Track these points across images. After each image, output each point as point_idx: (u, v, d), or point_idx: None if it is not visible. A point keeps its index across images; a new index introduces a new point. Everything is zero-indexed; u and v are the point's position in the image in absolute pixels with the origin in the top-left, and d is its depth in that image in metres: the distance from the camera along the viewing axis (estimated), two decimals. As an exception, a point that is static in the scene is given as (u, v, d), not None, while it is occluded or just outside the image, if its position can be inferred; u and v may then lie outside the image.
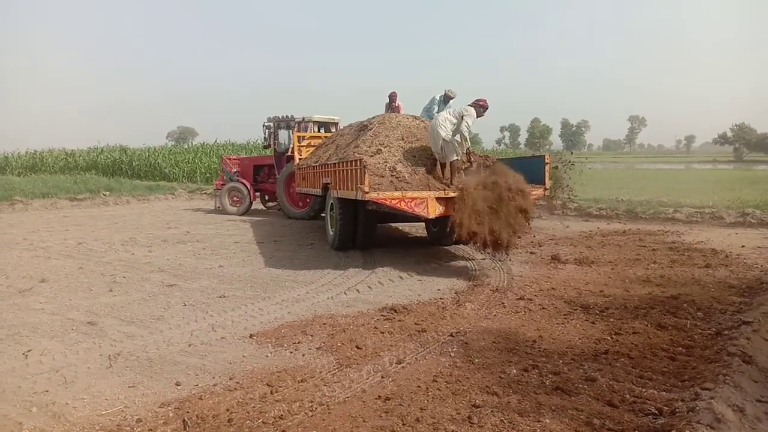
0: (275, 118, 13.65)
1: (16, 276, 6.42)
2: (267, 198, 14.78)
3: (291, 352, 3.89)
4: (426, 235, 9.31)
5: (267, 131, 13.83)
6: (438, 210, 6.52)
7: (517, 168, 6.77)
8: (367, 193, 6.27)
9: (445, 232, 7.17)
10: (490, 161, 7.90)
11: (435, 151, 7.15)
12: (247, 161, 14.60)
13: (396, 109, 10.70)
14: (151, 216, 13.36)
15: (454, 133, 6.98)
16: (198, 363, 3.70)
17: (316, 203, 11.69)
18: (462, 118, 6.94)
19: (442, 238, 8.28)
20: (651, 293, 5.35)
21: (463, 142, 7.13)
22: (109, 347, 4.00)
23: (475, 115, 6.99)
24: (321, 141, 11.37)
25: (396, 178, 6.87)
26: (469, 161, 7.47)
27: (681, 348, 3.82)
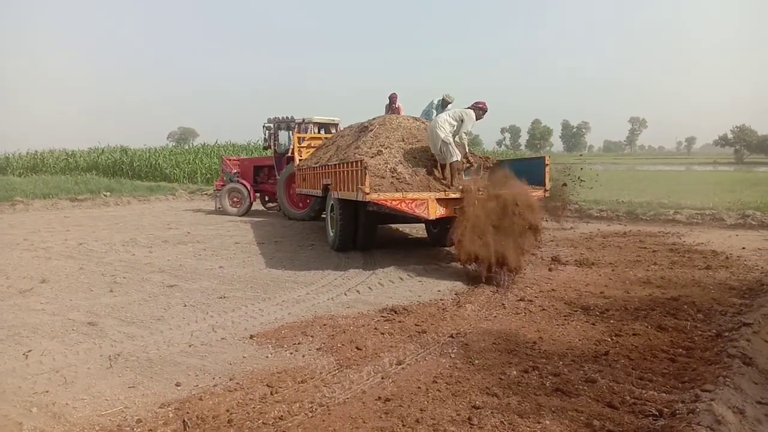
0: (275, 119, 13.67)
1: (17, 276, 6.42)
2: (267, 199, 14.79)
3: (291, 353, 3.89)
4: (426, 236, 9.32)
5: (267, 132, 13.86)
6: (438, 211, 6.52)
7: (518, 169, 6.77)
8: (368, 194, 6.27)
9: (446, 234, 7.17)
10: (490, 162, 7.93)
11: (434, 153, 7.16)
12: (247, 162, 14.62)
13: (396, 111, 10.71)
14: (151, 217, 13.38)
15: (453, 135, 6.99)
16: (198, 364, 3.70)
17: (316, 204, 11.70)
18: (461, 120, 6.95)
19: (442, 239, 8.29)
20: (651, 295, 5.34)
21: (463, 143, 7.14)
22: (110, 348, 4.01)
23: (474, 118, 7.01)
24: (321, 142, 11.38)
25: (396, 179, 6.88)
26: (469, 162, 7.48)
27: (681, 349, 3.82)
